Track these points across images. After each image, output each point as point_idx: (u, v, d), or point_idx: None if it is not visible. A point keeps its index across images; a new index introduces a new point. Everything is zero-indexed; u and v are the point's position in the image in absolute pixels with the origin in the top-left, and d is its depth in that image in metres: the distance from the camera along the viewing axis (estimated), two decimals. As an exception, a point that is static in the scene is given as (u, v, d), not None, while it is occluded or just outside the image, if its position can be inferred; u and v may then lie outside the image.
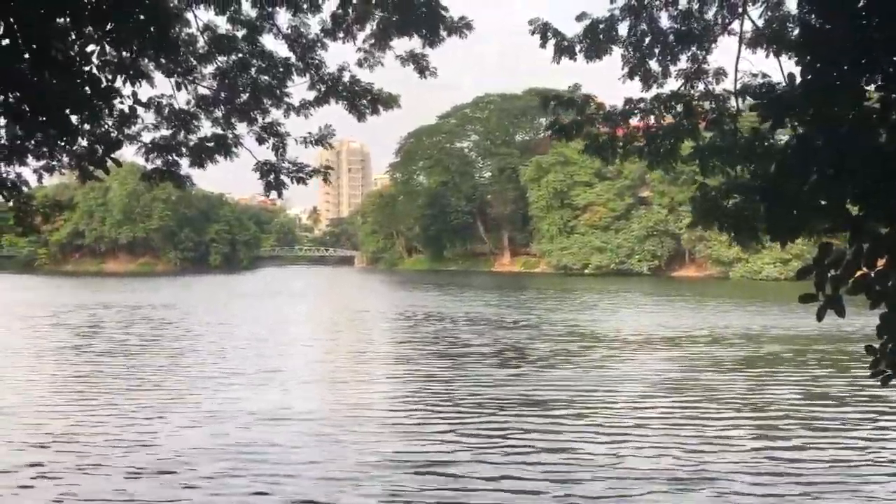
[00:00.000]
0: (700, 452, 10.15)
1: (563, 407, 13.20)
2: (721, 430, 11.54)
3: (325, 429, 11.29)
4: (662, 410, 12.98)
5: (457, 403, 13.37)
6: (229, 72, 9.19)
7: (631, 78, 8.29)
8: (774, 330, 25.53)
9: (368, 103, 9.32)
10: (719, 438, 10.99)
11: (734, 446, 10.54)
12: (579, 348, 21.17)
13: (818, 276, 3.90)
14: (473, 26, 8.93)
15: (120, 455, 9.83)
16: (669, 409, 13.02)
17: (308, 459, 9.71)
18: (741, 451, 10.32)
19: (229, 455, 9.85)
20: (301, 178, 9.08)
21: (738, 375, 16.64)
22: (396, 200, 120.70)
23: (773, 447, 10.54)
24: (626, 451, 10.17)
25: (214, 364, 17.96)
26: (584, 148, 8.27)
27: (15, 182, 7.29)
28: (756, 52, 7.79)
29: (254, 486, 8.67)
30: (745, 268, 76.15)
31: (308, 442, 10.56)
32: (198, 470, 9.21)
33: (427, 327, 27.49)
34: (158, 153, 8.88)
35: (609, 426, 11.69)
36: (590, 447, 10.43)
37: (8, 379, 15.77)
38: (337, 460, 9.65)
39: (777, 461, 9.81)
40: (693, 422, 12.01)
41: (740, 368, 17.72)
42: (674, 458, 9.89)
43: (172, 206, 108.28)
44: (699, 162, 7.18)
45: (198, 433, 11.01)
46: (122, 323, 28.36)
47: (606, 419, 12.22)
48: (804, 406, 13.38)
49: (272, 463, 9.53)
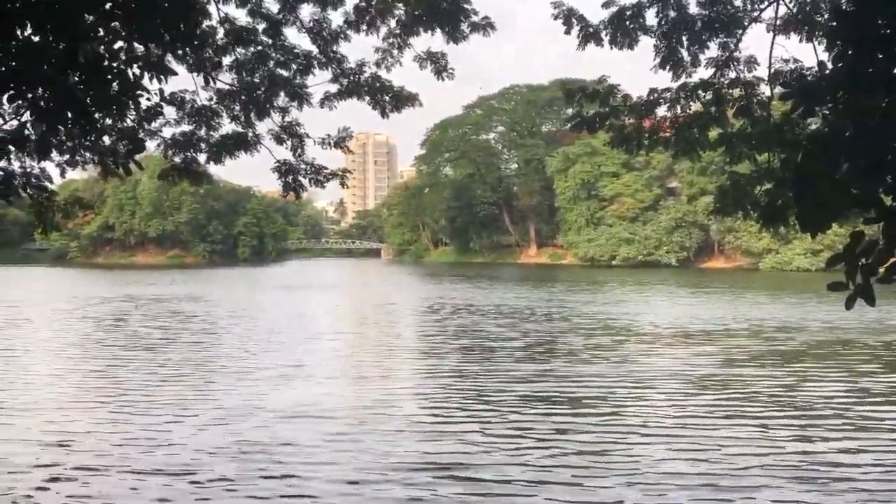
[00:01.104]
0: (741, 455, 9.55)
1: (596, 405, 12.68)
2: (763, 429, 10.89)
3: (346, 428, 10.87)
4: (700, 409, 12.37)
5: (485, 401, 12.87)
6: (247, 64, 9.11)
7: (662, 67, 8.09)
8: (813, 322, 24.68)
9: (391, 100, 9.38)
10: (761, 439, 10.36)
11: (778, 448, 9.92)
12: (613, 342, 20.56)
13: (849, 265, 3.85)
14: (496, 26, 8.95)
15: (135, 455, 9.53)
16: (707, 408, 12.41)
17: (326, 460, 9.31)
18: (785, 453, 9.70)
19: (245, 455, 9.50)
20: (319, 181, 9.13)
21: (779, 371, 15.93)
22: (422, 192, 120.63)
23: (821, 450, 9.89)
24: (661, 454, 9.61)
25: (238, 359, 17.70)
26: (609, 140, 8.08)
27: (38, 177, 7.20)
28: (790, 37, 7.50)
29: (269, 487, 8.31)
30: (775, 259, 75.01)
31: (328, 441, 10.15)
32: (214, 470, 8.87)
33: (455, 320, 27.04)
34: (178, 149, 8.83)
35: (644, 425, 11.12)
36: (624, 448, 9.89)
37: (29, 375, 15.64)
38: (356, 461, 9.22)
39: (826, 465, 9.16)
40: (732, 421, 11.39)
41: (780, 363, 16.99)
42: (712, 461, 9.31)
43: (201, 199, 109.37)
44: (727, 149, 6.97)
45: (215, 432, 10.67)
46: (147, 315, 28.37)
47: (641, 418, 11.65)
48: (851, 404, 12.65)
49: (288, 463, 9.14)
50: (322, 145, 9.17)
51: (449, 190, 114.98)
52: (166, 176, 9.00)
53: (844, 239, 4.10)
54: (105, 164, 7.61)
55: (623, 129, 7.86)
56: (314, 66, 9.26)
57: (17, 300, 35.92)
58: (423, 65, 9.43)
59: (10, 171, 6.95)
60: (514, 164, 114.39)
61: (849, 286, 3.84)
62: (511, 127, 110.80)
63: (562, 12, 8.22)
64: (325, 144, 9.15)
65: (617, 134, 7.91)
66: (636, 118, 7.90)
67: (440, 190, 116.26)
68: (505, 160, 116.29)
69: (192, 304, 33.77)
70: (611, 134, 7.95)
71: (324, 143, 9.13)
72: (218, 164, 8.99)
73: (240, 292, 44.49)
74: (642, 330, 23.48)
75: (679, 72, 8.07)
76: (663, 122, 7.96)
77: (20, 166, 7.09)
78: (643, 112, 7.90)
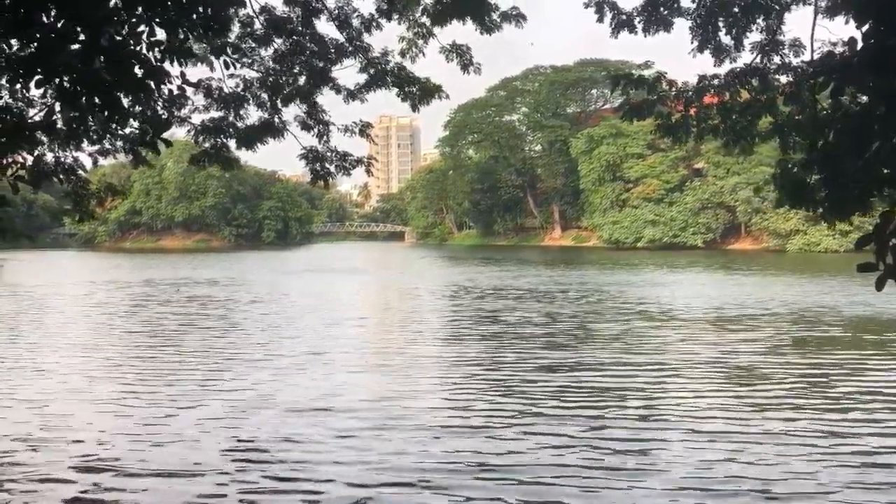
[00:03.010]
0: (795, 457, 8.69)
1: (636, 398, 11.73)
2: (818, 427, 9.95)
3: (363, 423, 10.11)
4: (748, 403, 11.40)
5: (517, 394, 12.04)
6: (287, 55, 9.31)
7: (700, 51, 7.95)
8: (858, 307, 23.42)
9: (418, 90, 9.65)
10: (817, 438, 9.45)
11: (836, 449, 9.03)
12: (649, 328, 19.63)
13: (878, 246, 3.79)
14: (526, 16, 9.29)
15: (135, 450, 8.94)
16: (756, 402, 11.44)
17: (339, 459, 8.59)
18: (844, 454, 8.80)
19: (254, 453, 8.87)
20: (345, 168, 9.21)
21: (828, 359, 14.86)
22: (446, 175, 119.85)
23: (885, 449, 8.98)
24: (710, 454, 8.76)
25: (255, 346, 17.17)
26: (655, 128, 7.83)
27: (72, 166, 7.47)
28: (834, 20, 7.19)
29: (277, 491, 7.67)
30: (802, 240, 73.68)
31: (342, 438, 9.41)
32: (216, 469, 8.21)
33: (485, 304, 26.22)
34: (208, 135, 8.96)
35: (689, 422, 10.20)
36: (668, 448, 9.06)
37: (41, 365, 15.18)
38: (375, 462, 8.49)
39: (893, 469, 8.32)
40: (784, 417, 10.45)
41: (830, 351, 15.90)
42: (766, 464, 8.46)
43: (226, 183, 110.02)
44: (779, 139, 6.81)
45: (222, 427, 10.02)
46: (167, 301, 28.05)
47: (685, 412, 10.74)
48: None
49: (299, 462, 8.47)
50: (346, 132, 9.38)
51: (472, 172, 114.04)
52: (197, 161, 9.24)
53: (874, 219, 4.03)
54: (136, 153, 7.95)
55: (670, 116, 7.67)
56: (343, 54, 9.48)
57: (43, 283, 35.94)
58: (449, 57, 9.71)
59: (40, 159, 7.22)
60: (538, 145, 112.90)
61: (878, 267, 3.78)
62: (535, 108, 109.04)
63: (593, 1, 8.13)
64: (348, 132, 9.35)
65: (664, 122, 7.68)
66: (684, 105, 7.66)
67: (464, 173, 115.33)
68: (529, 142, 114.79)
69: (213, 288, 33.44)
70: (658, 122, 7.71)
71: (347, 131, 9.33)
72: (249, 150, 9.24)
73: (264, 275, 44.20)
74: (680, 315, 22.46)
75: (722, 56, 7.89)
76: (710, 110, 7.70)
77: (53, 156, 7.47)
78: (691, 99, 7.71)
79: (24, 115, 6.86)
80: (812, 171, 5.48)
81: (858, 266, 3.90)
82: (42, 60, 4.71)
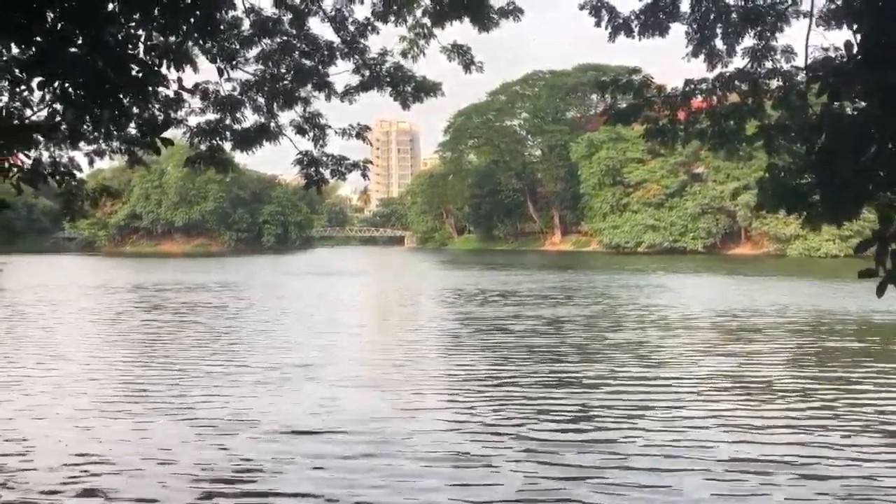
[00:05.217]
0: (845, 491, 8.07)
1: (653, 419, 10.77)
2: (858, 454, 9.16)
3: (346, 450, 9.13)
4: (778, 425, 10.44)
5: (528, 415, 10.93)
6: (273, 55, 9.16)
7: (695, 56, 8.01)
8: (879, 315, 22.52)
9: (412, 90, 9.52)
10: (845, 462, 8.81)
11: (878, 480, 8.28)
12: (663, 338, 18.81)
13: (879, 250, 3.77)
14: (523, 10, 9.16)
15: (84, 479, 8.12)
16: (785, 424, 10.52)
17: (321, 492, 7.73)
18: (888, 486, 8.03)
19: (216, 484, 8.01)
20: (341, 173, 9.08)
21: (857, 374, 13.99)
22: (446, 180, 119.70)
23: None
24: (742, 487, 7.98)
25: (249, 356, 16.36)
26: (643, 133, 7.91)
27: (67, 166, 7.40)
28: (830, 27, 7.24)
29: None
30: (803, 244, 73.70)
31: (314, 471, 8.41)
32: (180, 502, 7.47)
33: (488, 311, 25.38)
34: (203, 137, 8.89)
35: (715, 446, 9.41)
36: (693, 484, 8.29)
37: (26, 374, 14.41)
38: (367, 495, 7.68)
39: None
40: (819, 443, 9.61)
41: (856, 364, 14.97)
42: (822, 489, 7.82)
43: (226, 188, 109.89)
44: (765, 142, 6.81)
45: (195, 449, 9.22)
46: (155, 307, 27.41)
47: (713, 435, 10.03)
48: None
49: (261, 496, 7.59)
50: (343, 136, 9.22)
51: (473, 177, 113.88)
52: (192, 163, 9.03)
53: (873, 224, 4.01)
54: (132, 153, 7.96)
55: (657, 121, 7.64)
56: (337, 56, 9.39)
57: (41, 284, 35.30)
58: (450, 57, 9.62)
59: (39, 160, 7.13)
60: (538, 150, 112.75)
61: (878, 273, 3.77)
62: (535, 113, 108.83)
63: (590, 4, 8.05)
64: (345, 135, 9.18)
65: (651, 126, 7.63)
66: (671, 110, 7.62)
67: (464, 177, 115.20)
68: (529, 146, 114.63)
69: (207, 294, 32.74)
70: (646, 126, 7.68)
71: (344, 134, 9.16)
72: (244, 152, 9.16)
73: (265, 277, 43.57)
74: (692, 324, 21.66)
75: (714, 61, 7.91)
76: (699, 114, 7.72)
77: (49, 156, 7.41)
78: (678, 103, 7.68)
79: (23, 116, 6.81)
80: (803, 174, 5.36)
81: (860, 272, 3.88)
82: (43, 62, 4.79)
